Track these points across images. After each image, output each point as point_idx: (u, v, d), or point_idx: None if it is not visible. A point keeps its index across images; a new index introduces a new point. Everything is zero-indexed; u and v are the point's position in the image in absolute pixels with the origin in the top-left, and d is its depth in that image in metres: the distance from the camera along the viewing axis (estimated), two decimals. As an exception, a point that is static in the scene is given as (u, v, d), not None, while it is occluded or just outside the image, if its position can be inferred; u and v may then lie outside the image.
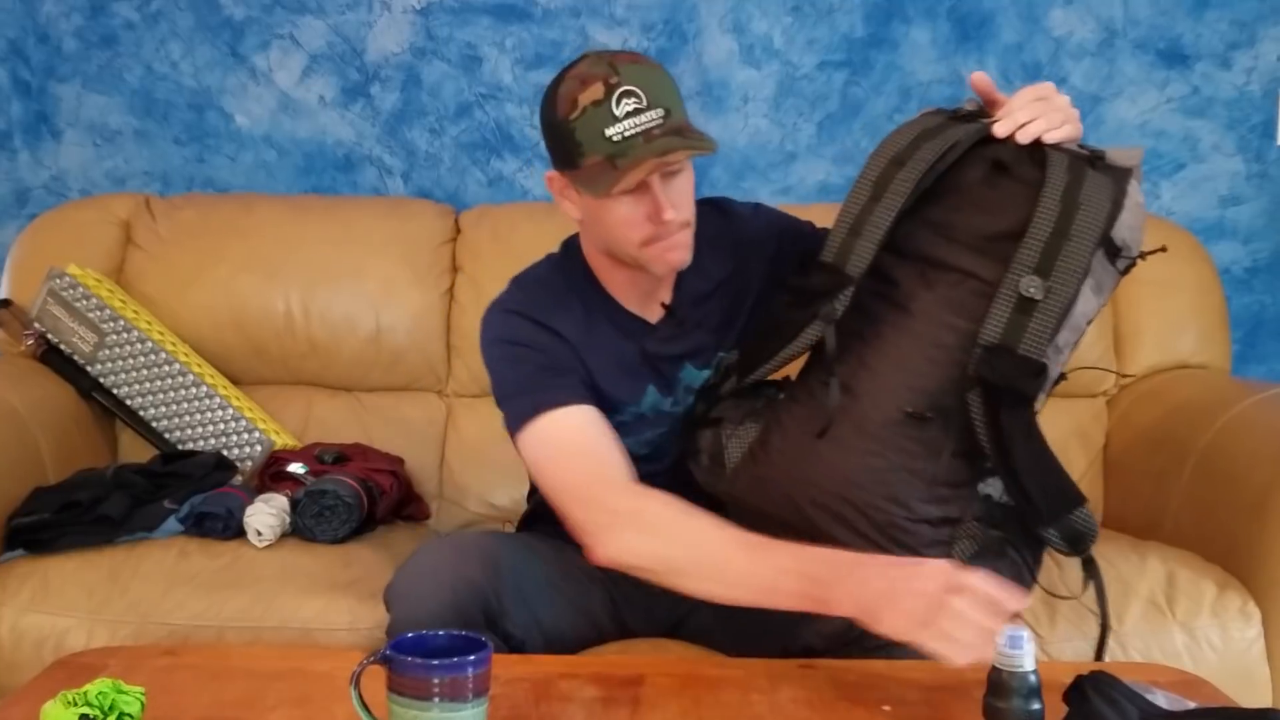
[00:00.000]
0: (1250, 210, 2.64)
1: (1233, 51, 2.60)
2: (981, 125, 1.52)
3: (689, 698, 1.31)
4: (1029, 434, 1.45)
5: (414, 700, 1.09)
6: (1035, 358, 1.43)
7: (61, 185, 2.68)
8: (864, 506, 1.46)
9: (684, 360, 1.66)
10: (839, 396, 1.49)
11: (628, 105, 1.46)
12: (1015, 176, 1.48)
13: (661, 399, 1.66)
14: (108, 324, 2.25)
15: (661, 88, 1.49)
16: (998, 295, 1.44)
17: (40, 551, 1.89)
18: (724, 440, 1.59)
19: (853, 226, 1.51)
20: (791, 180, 2.64)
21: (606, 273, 1.63)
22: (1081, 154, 1.49)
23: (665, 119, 1.47)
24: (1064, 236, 1.43)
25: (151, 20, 2.63)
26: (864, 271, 1.49)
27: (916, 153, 1.51)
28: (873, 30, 2.61)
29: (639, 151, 1.45)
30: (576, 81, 1.49)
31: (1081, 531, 1.48)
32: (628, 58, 1.51)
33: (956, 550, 1.49)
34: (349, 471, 2.08)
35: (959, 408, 1.45)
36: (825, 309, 1.50)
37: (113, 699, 1.16)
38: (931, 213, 1.52)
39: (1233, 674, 1.76)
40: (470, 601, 1.45)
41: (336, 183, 2.66)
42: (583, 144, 1.48)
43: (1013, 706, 1.13)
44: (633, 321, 1.64)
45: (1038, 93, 1.51)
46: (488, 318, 1.63)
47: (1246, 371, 2.65)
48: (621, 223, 1.51)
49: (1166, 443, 2.14)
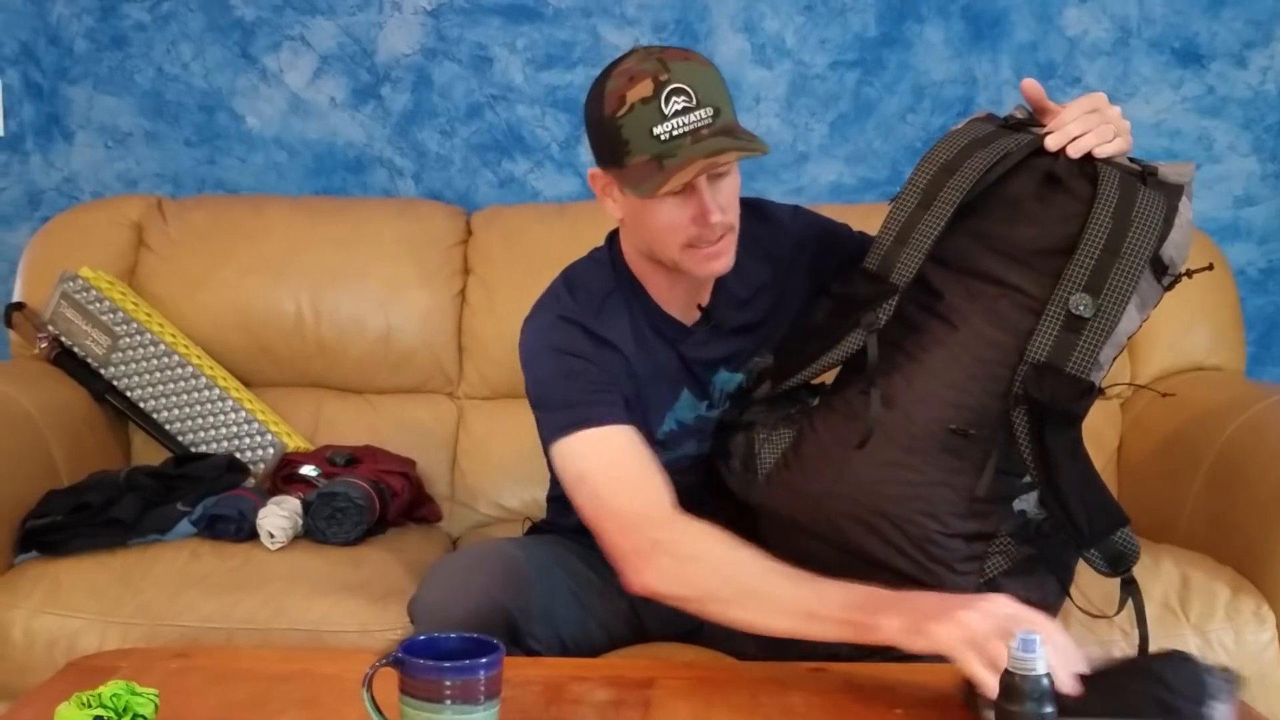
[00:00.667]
0: (1265, 211, 2.63)
1: (1248, 51, 2.59)
2: (1033, 137, 1.49)
3: (700, 700, 1.30)
4: (1075, 454, 1.43)
5: (425, 703, 1.09)
6: (1083, 376, 1.41)
7: (73, 187, 2.68)
8: (898, 519, 1.45)
9: (719, 365, 1.63)
10: (880, 408, 1.47)
11: (677, 104, 1.41)
12: (1067, 191, 1.46)
13: (698, 403, 1.63)
14: (120, 326, 2.26)
15: (712, 86, 1.45)
16: (1046, 312, 1.42)
17: (53, 554, 1.90)
18: (756, 446, 1.57)
19: (899, 234, 1.49)
20: (804, 181, 2.64)
21: (647, 275, 1.59)
22: (1133, 169, 1.47)
23: (715, 119, 1.43)
24: (1115, 254, 1.41)
25: (162, 22, 2.63)
26: (909, 281, 1.47)
27: (967, 161, 1.48)
28: (885, 30, 2.60)
29: (687, 152, 1.41)
30: (625, 78, 1.44)
31: (1123, 552, 1.47)
32: (678, 54, 1.46)
33: (989, 566, 1.47)
34: (360, 474, 2.08)
35: (1003, 425, 1.43)
36: (868, 318, 1.48)
37: (126, 701, 1.16)
38: (978, 224, 1.49)
39: (1247, 677, 1.75)
40: (493, 617, 1.44)
41: (347, 184, 2.67)
42: (629, 142, 1.44)
43: (1025, 710, 1.12)
44: (671, 325, 1.61)
45: (1090, 104, 1.48)
46: (537, 321, 1.58)
47: (1261, 374, 2.64)
48: (665, 225, 1.47)
49: (1180, 445, 2.13)
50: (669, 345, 1.60)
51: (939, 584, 1.46)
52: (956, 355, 1.47)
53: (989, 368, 1.45)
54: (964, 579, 1.47)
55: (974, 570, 1.47)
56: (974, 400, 1.46)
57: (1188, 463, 2.06)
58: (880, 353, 1.48)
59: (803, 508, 1.50)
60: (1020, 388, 1.42)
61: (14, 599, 1.83)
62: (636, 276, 1.60)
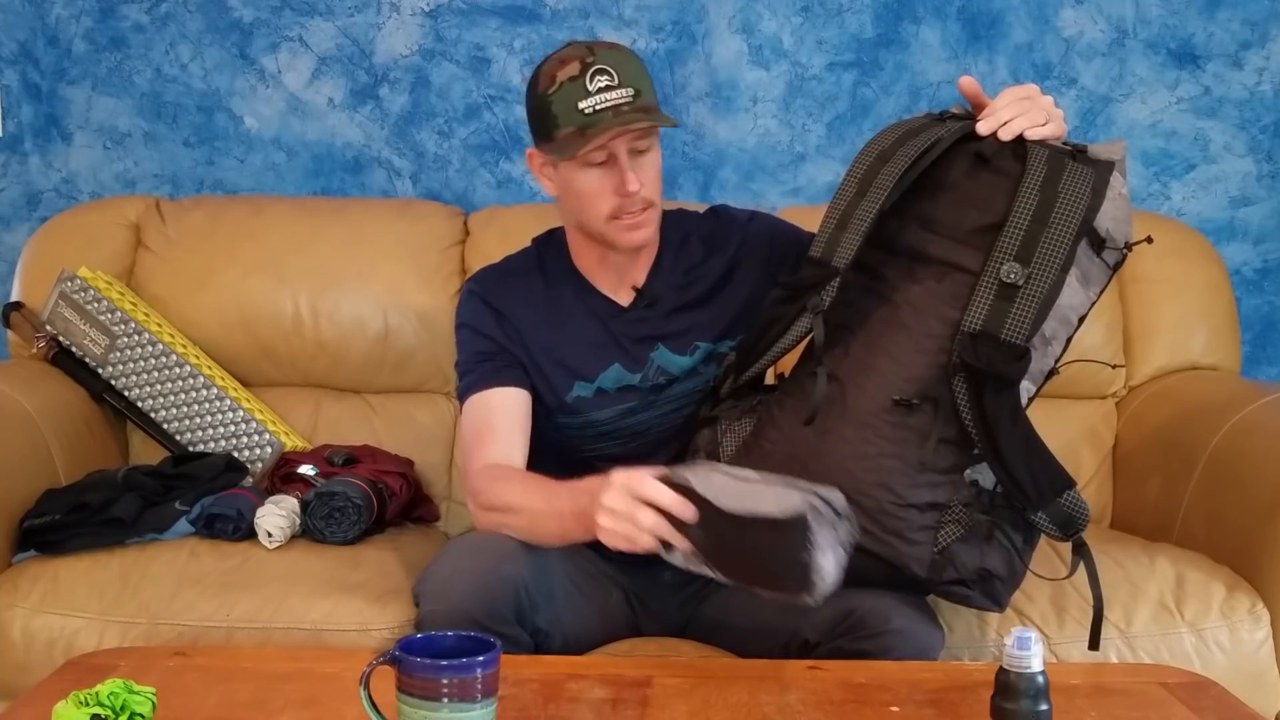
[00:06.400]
0: (1261, 211, 2.63)
1: (1244, 51, 2.59)
2: (965, 124, 1.57)
3: (698, 698, 1.31)
4: (1015, 418, 1.48)
5: (423, 701, 1.09)
6: (1019, 343, 1.46)
7: (72, 188, 2.69)
8: (852, 492, 1.47)
9: (655, 341, 1.74)
10: (825, 385, 1.53)
11: (600, 82, 1.59)
12: (996, 169, 1.53)
13: (628, 374, 1.74)
14: (118, 326, 2.26)
15: (633, 70, 1.63)
16: (979, 283, 1.48)
17: (51, 553, 1.90)
18: (719, 437, 1.64)
19: (839, 221, 1.56)
20: (801, 181, 2.64)
21: (581, 252, 1.76)
22: (1063, 149, 1.53)
23: (635, 99, 1.60)
24: (1043, 224, 1.47)
25: (161, 23, 2.64)
26: (849, 263, 1.53)
27: (900, 149, 1.55)
28: (882, 30, 2.61)
29: (608, 123, 1.58)
30: (556, 60, 1.63)
31: (1071, 515, 1.50)
32: (605, 45, 1.65)
33: (943, 534, 1.52)
34: (359, 473, 2.08)
35: (946, 395, 1.49)
36: (813, 301, 1.54)
37: (124, 699, 1.16)
38: (917, 208, 1.56)
39: (1242, 676, 1.76)
40: (503, 595, 1.47)
41: (345, 185, 2.67)
42: (558, 116, 1.61)
43: (1021, 707, 1.13)
44: (601, 302, 1.76)
45: (1021, 93, 1.57)
46: (460, 295, 1.83)
47: (1257, 373, 2.64)
48: (590, 194, 1.64)
49: (1176, 444, 2.13)
50: (596, 319, 1.75)
51: (895, 555, 1.51)
52: (902, 332, 1.53)
53: (932, 341, 1.51)
54: (918, 549, 1.51)
55: (928, 540, 1.51)
56: (921, 373, 1.51)
57: (1183, 462, 2.06)
58: (830, 337, 1.55)
59: None
60: (957, 356, 1.47)
61: (12, 598, 1.83)
62: (572, 254, 1.77)
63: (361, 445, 2.26)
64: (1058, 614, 1.78)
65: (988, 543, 1.51)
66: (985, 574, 1.52)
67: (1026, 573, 1.56)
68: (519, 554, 1.53)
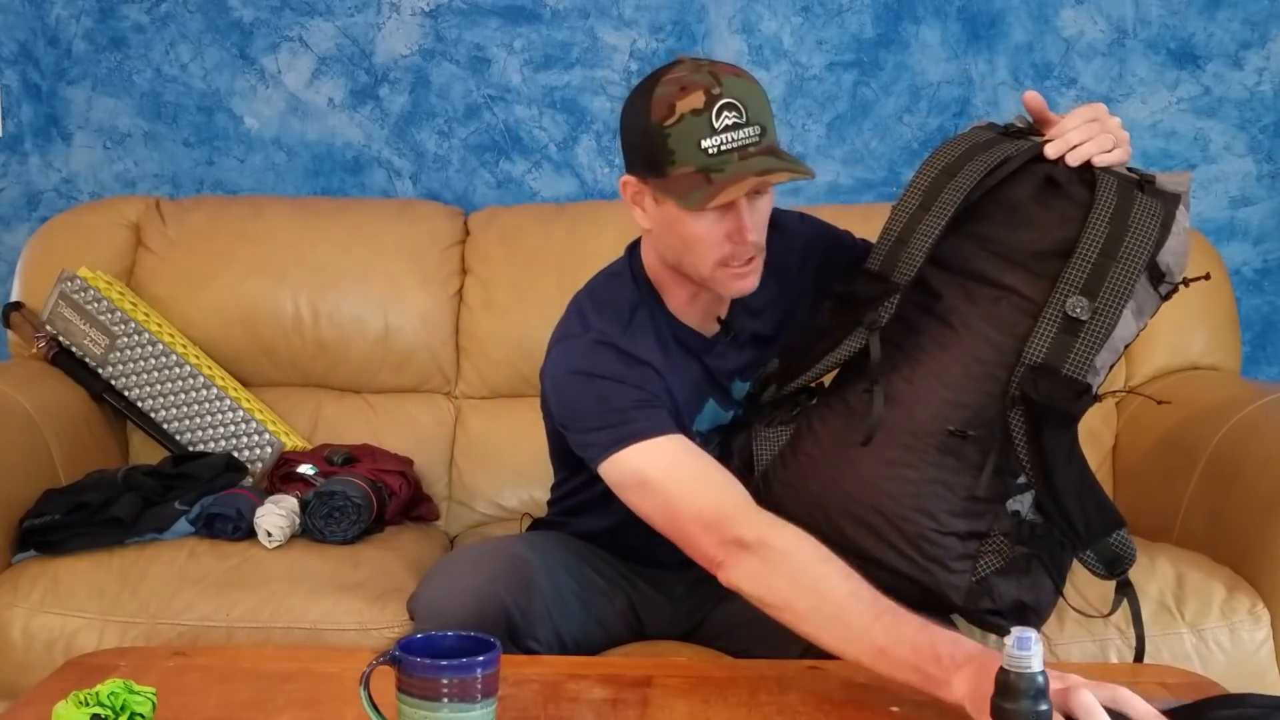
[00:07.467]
0: (1261, 211, 2.63)
1: (1244, 52, 2.59)
2: (1034, 143, 1.51)
3: (698, 699, 1.31)
4: (1071, 455, 1.45)
5: (423, 701, 1.09)
6: (1079, 378, 1.42)
7: (72, 188, 2.69)
8: (894, 517, 1.47)
9: (736, 376, 1.64)
10: (883, 408, 1.48)
11: (727, 119, 1.40)
12: (1065, 195, 1.47)
13: (722, 412, 1.64)
14: (118, 326, 2.26)
15: (760, 104, 1.44)
16: (1043, 314, 1.44)
17: (51, 553, 1.90)
18: (754, 444, 1.59)
19: (900, 235, 1.50)
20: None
21: (667, 286, 1.58)
22: (1131, 178, 1.49)
23: (761, 138, 1.42)
24: (1112, 258, 1.43)
25: (161, 23, 2.64)
26: (910, 280, 1.48)
27: (967, 165, 1.50)
28: (882, 30, 2.61)
29: (735, 168, 1.40)
30: (675, 86, 1.42)
31: (1119, 554, 1.48)
32: (728, 69, 1.45)
33: (982, 565, 1.49)
34: (358, 473, 2.08)
35: (1000, 426, 1.45)
36: (870, 316, 1.49)
37: (124, 699, 1.16)
38: (978, 227, 1.51)
39: (1242, 676, 1.76)
40: (494, 616, 1.45)
41: (345, 185, 2.67)
42: (675, 152, 1.42)
43: (1021, 708, 1.13)
44: (694, 337, 1.60)
45: (1091, 114, 1.50)
46: (565, 348, 1.54)
47: (1257, 373, 2.64)
48: (700, 239, 1.46)
49: (1176, 444, 2.13)
50: (693, 356, 1.59)
51: (934, 582, 1.48)
52: (955, 356, 1.48)
53: (987, 368, 1.47)
54: (958, 577, 1.48)
55: (967, 569, 1.48)
56: (972, 400, 1.47)
57: (1184, 462, 2.06)
58: (881, 353, 1.49)
59: (799, 505, 1.51)
60: (1017, 389, 1.43)
61: (12, 598, 1.83)
62: (657, 288, 1.58)
63: (361, 445, 2.26)
64: (1058, 614, 1.78)
65: (1025, 575, 1.49)
66: (1021, 605, 1.49)
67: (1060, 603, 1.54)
68: (515, 572, 1.51)
